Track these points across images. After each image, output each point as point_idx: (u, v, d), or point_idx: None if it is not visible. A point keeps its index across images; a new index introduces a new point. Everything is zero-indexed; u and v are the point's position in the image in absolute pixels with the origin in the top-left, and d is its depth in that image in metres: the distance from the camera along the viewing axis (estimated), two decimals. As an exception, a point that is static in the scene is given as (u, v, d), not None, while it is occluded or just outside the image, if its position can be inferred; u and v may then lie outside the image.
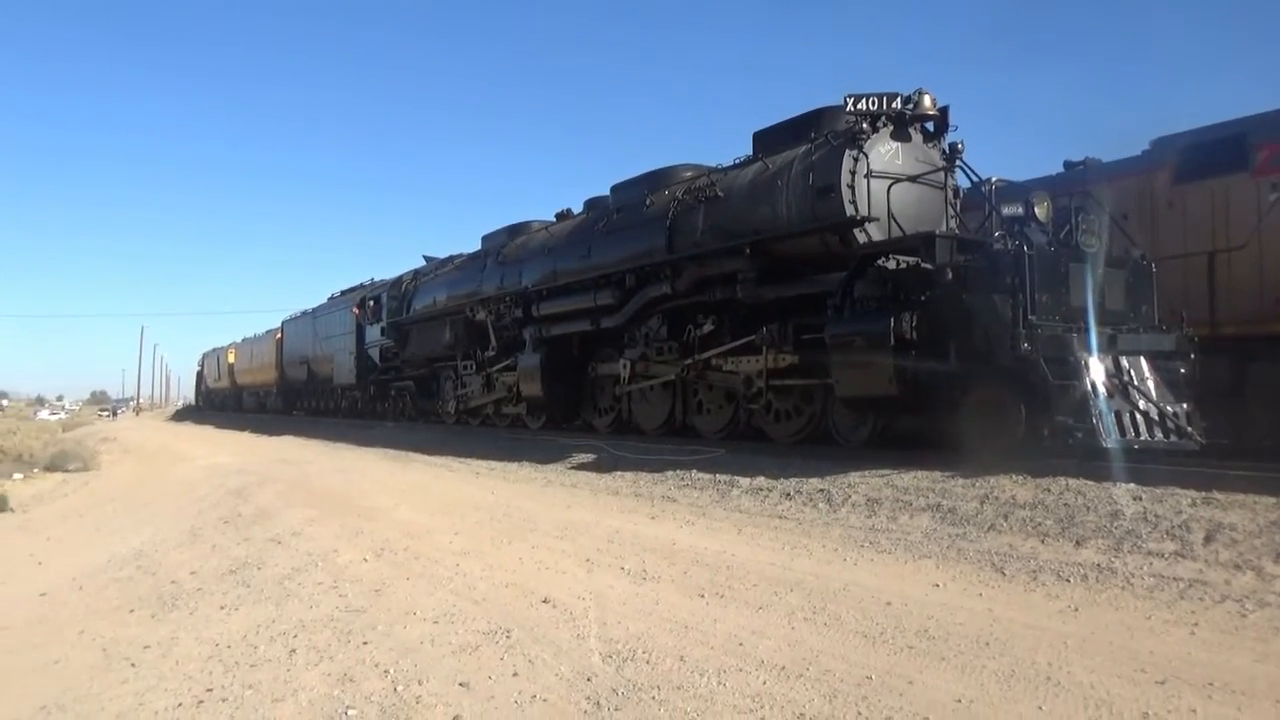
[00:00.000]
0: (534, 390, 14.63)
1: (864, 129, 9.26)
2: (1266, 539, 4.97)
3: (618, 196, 13.58)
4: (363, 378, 23.94)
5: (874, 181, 9.09)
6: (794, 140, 10.30)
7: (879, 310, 8.42)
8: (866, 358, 8.34)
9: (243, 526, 8.19)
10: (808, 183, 9.60)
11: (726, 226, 10.74)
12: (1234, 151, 9.51)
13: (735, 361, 10.83)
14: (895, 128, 9.46)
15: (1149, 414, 7.50)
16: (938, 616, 4.31)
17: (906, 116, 9.50)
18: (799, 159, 9.91)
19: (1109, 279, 8.27)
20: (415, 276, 21.04)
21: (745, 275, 10.35)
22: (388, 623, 4.52)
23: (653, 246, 11.98)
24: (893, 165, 9.30)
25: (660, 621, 4.38)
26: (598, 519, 7.65)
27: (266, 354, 35.56)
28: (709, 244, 10.97)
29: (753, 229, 10.30)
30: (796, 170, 9.84)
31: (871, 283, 8.74)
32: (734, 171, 11.21)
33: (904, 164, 9.39)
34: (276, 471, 13.07)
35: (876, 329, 8.25)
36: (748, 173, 10.83)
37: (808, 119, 10.44)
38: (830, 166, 9.32)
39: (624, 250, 12.64)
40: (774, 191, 10.09)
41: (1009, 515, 6.20)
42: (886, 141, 9.38)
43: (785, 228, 9.89)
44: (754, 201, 10.40)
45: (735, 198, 10.75)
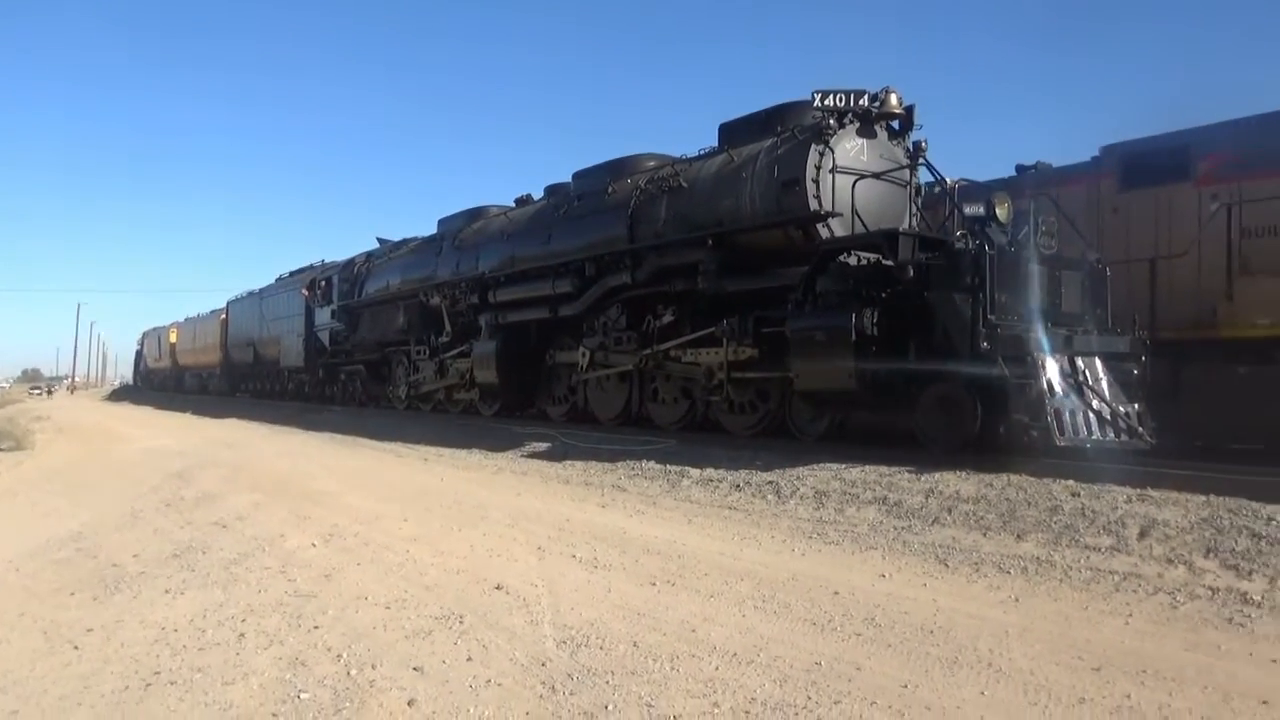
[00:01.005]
0: (489, 377, 14.53)
1: (830, 124, 9.32)
2: (1197, 535, 5.16)
3: (579, 184, 13.48)
4: (311, 361, 23.58)
5: (839, 177, 9.17)
6: (760, 133, 10.32)
7: (840, 305, 8.50)
8: (827, 352, 8.42)
9: (185, 510, 8.04)
10: (773, 176, 9.65)
11: (689, 217, 10.74)
12: (1178, 161, 9.82)
13: (695, 353, 10.85)
14: (861, 124, 9.54)
15: (1101, 413, 7.68)
16: (884, 605, 4.41)
17: (872, 114, 9.58)
18: (765, 152, 9.94)
19: (1066, 281, 8.45)
20: (368, 259, 20.71)
21: (707, 267, 10.36)
22: (339, 608, 4.49)
23: (614, 235, 11.94)
24: (857, 161, 9.38)
25: (613, 608, 4.42)
26: (549, 507, 7.67)
27: (210, 334, 34.83)
28: (671, 234, 10.97)
29: (716, 220, 10.32)
30: (762, 163, 9.88)
31: (833, 278, 8.82)
32: (698, 162, 11.20)
33: (869, 161, 9.48)
34: (220, 454, 12.83)
35: (838, 324, 8.33)
36: (713, 164, 10.83)
37: (774, 113, 10.47)
38: (796, 160, 9.38)
39: (584, 238, 12.58)
40: (739, 184, 10.12)
41: (953, 509, 6.35)
42: (852, 138, 9.46)
43: (749, 220, 9.93)
44: (718, 193, 10.42)
45: (699, 189, 10.75)
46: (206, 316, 36.66)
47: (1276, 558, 4.75)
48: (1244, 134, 9.41)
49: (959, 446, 7.82)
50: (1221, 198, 9.31)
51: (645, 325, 11.78)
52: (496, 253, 14.72)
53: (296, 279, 25.60)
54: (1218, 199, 9.34)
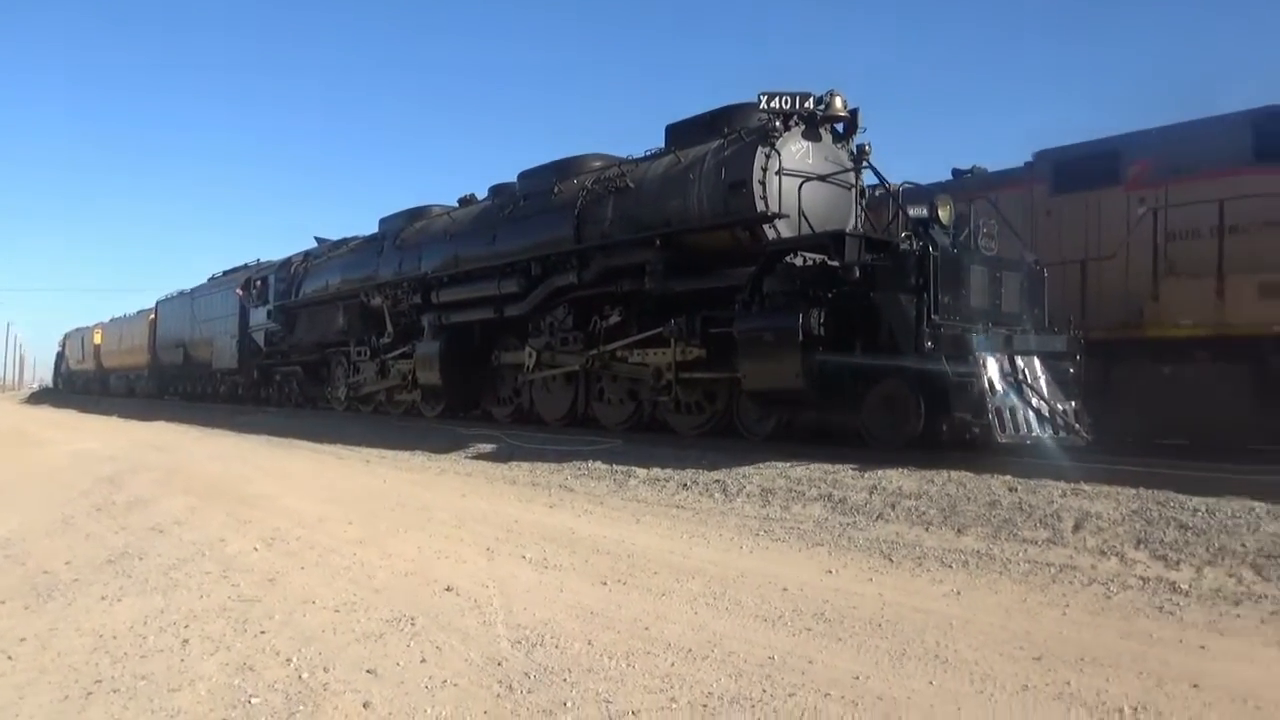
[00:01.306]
0: (432, 378, 14.39)
1: (777, 126, 9.44)
2: (1128, 527, 5.37)
3: (524, 184, 13.44)
4: (245, 362, 23.06)
5: (785, 179, 9.29)
6: (706, 135, 10.40)
7: (788, 306, 8.60)
8: (775, 352, 8.52)
9: (118, 515, 7.78)
10: (720, 177, 9.73)
11: (636, 218, 10.77)
12: (1107, 166, 10.19)
13: (643, 353, 10.87)
14: (807, 127, 9.67)
15: (1040, 411, 7.90)
16: (832, 601, 4.49)
17: (818, 116, 9.71)
18: (712, 153, 10.02)
19: (1006, 282, 8.69)
20: (306, 258, 20.37)
21: (654, 267, 10.40)
22: (285, 612, 4.40)
23: (560, 235, 11.92)
24: (803, 164, 9.52)
25: (565, 608, 4.42)
26: (495, 508, 7.62)
27: (138, 335, 33.82)
28: (618, 234, 10.99)
29: (663, 221, 10.37)
30: (709, 164, 9.96)
31: (780, 279, 8.93)
32: (645, 163, 11.24)
33: (814, 163, 9.62)
34: (151, 458, 12.46)
35: (785, 324, 8.44)
36: (659, 165, 10.88)
37: (720, 114, 10.56)
38: (743, 162, 9.47)
39: (530, 238, 12.54)
40: (686, 185, 10.19)
41: (896, 505, 6.49)
42: (798, 140, 9.59)
43: (696, 221, 10.00)
44: (665, 194, 10.47)
45: (646, 189, 10.79)
46: (134, 317, 35.59)
47: (1202, 548, 4.96)
48: (1170, 140, 9.80)
49: (904, 444, 7.99)
50: (1148, 202, 9.68)
51: (592, 326, 11.78)
52: (440, 253, 14.61)
53: (231, 278, 25.02)
54: (1145, 203, 9.71)
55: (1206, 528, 5.18)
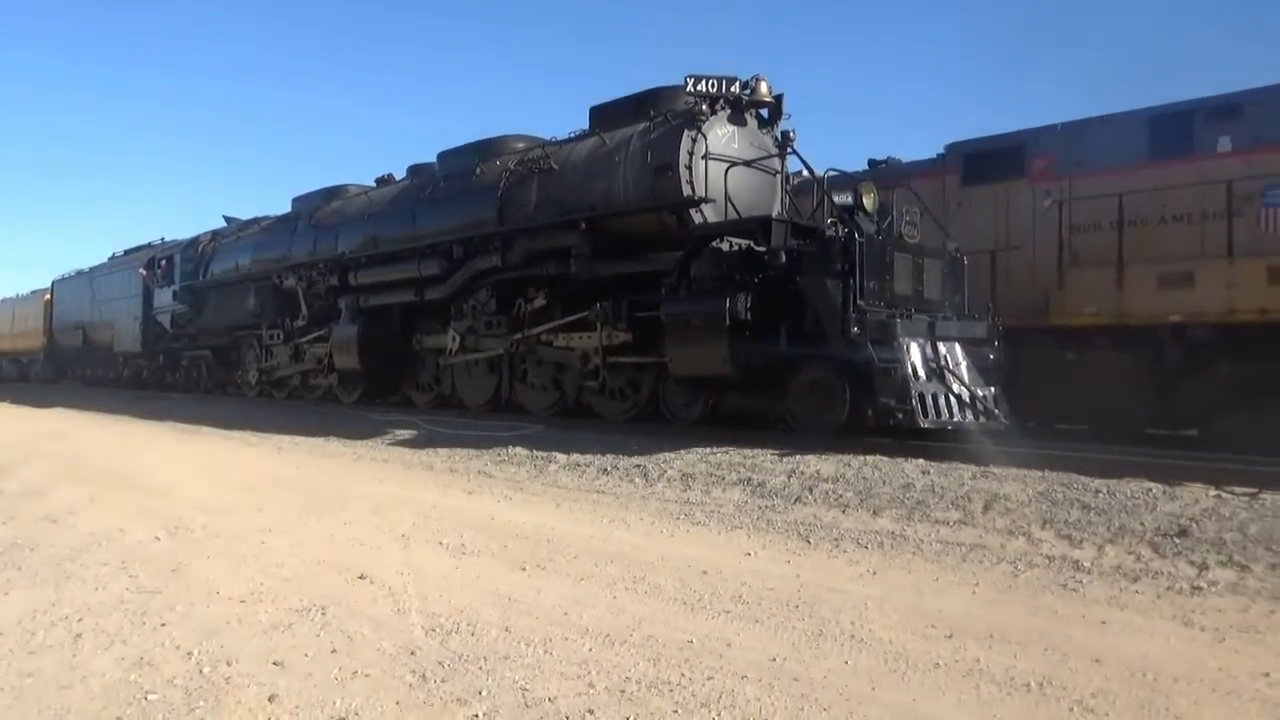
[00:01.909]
0: (349, 362, 13.99)
1: (703, 110, 9.38)
2: (1035, 508, 5.54)
3: (445, 164, 13.14)
4: (150, 345, 22.07)
5: (711, 164, 9.26)
6: (632, 117, 10.30)
7: (715, 291, 8.58)
8: (702, 337, 8.50)
9: (7, 504, 7.37)
10: (646, 160, 9.65)
11: (561, 200, 10.63)
12: (1013, 160, 10.48)
13: (568, 337, 10.75)
14: (732, 112, 9.64)
15: (961, 396, 8.05)
16: (750, 583, 4.52)
17: (744, 101, 9.69)
18: (637, 136, 9.93)
19: (928, 269, 8.83)
20: (214, 238, 19.60)
21: (579, 250, 10.28)
22: (187, 603, 4.22)
23: (483, 217, 11.70)
24: (729, 148, 9.50)
25: (483, 594, 4.35)
26: (413, 494, 7.47)
27: (32, 317, 32.08)
28: (542, 217, 10.83)
29: (588, 204, 10.25)
30: (635, 147, 9.86)
31: (707, 263, 8.90)
32: (569, 145, 11.09)
33: (740, 148, 9.61)
34: (45, 446, 11.85)
35: (713, 309, 8.41)
36: (584, 147, 10.73)
37: (646, 97, 10.47)
38: (669, 146, 9.41)
39: (452, 219, 12.28)
40: (611, 167, 10.08)
41: (814, 488, 6.58)
42: (724, 124, 9.57)
43: (622, 204, 9.91)
44: (590, 176, 10.35)
45: (571, 171, 10.65)
46: (27, 297, 33.76)
47: (1104, 527, 5.15)
48: (1073, 136, 10.13)
49: (829, 430, 8.05)
50: (1053, 195, 9.99)
51: (516, 309, 11.61)
52: (357, 233, 14.21)
53: (133, 257, 23.92)
54: (1050, 196, 10.03)
55: (1108, 508, 5.38)
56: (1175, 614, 3.93)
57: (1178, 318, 8.92)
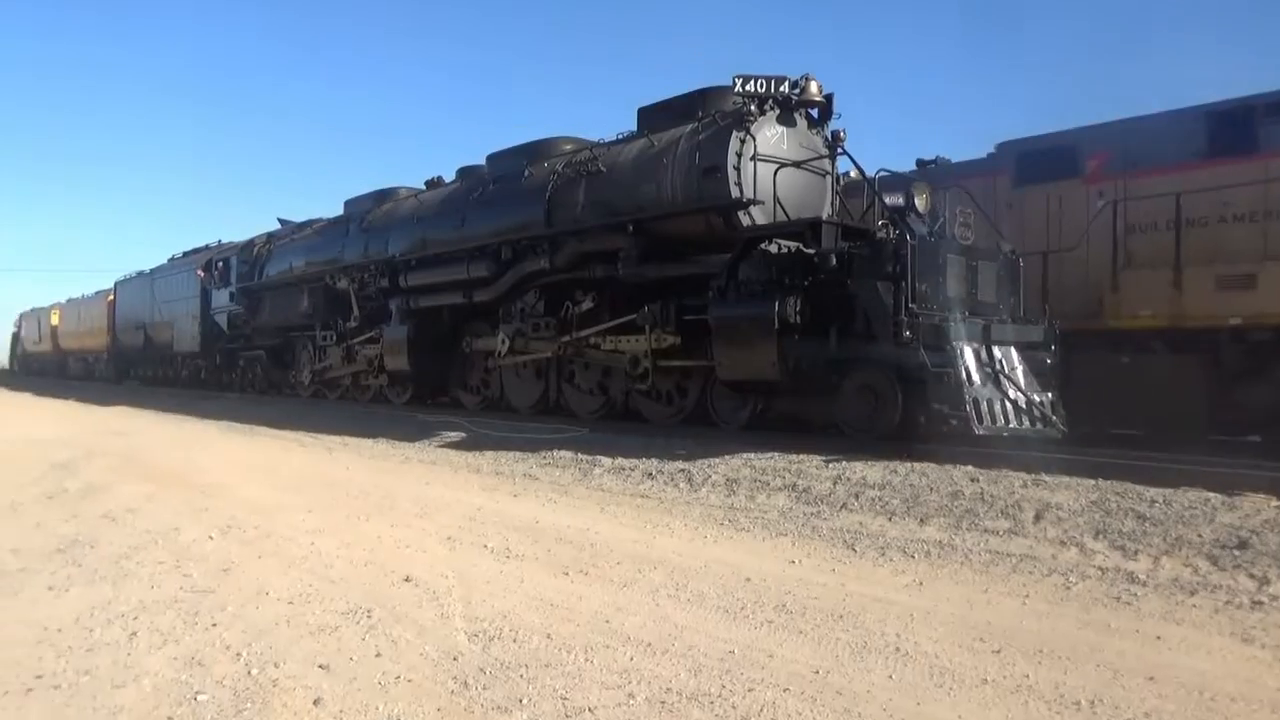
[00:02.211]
0: (399, 364, 14.17)
1: (751, 111, 9.28)
2: (1088, 517, 5.41)
3: (494, 166, 13.19)
4: (208, 345, 22.64)
5: (760, 165, 9.15)
6: (680, 119, 10.22)
7: (763, 294, 8.49)
8: (750, 340, 8.42)
9: (70, 502, 7.60)
10: (694, 162, 9.57)
11: (609, 202, 10.60)
12: (1067, 159, 10.26)
13: (617, 340, 10.69)
14: (781, 112, 9.52)
15: (1018, 402, 7.83)
16: (794, 592, 4.48)
17: (793, 101, 9.56)
18: (685, 137, 9.85)
19: (982, 271, 8.63)
20: (269, 240, 20.00)
21: (627, 253, 10.23)
22: (238, 603, 4.31)
23: (531, 219, 11.69)
24: (778, 149, 9.39)
25: (526, 599, 4.37)
26: (459, 496, 7.54)
27: (97, 317, 33.10)
28: (590, 220, 10.80)
29: (636, 206, 10.20)
30: (683, 149, 9.79)
31: (756, 266, 8.80)
32: (617, 147, 11.04)
33: (789, 149, 9.49)
34: (107, 444, 12.20)
35: (761, 312, 8.33)
36: (632, 149, 10.68)
37: (694, 98, 10.37)
38: (717, 147, 9.32)
39: (500, 222, 12.30)
40: (659, 169, 10.01)
41: (860, 495, 6.51)
42: (773, 125, 9.45)
43: (669, 206, 9.84)
44: (638, 178, 10.29)
45: (618, 174, 10.60)
46: (93, 297, 34.83)
47: (1159, 538, 5.01)
48: (1128, 134, 9.88)
49: (882, 435, 7.90)
50: (1108, 195, 9.76)
51: (564, 311, 11.58)
52: (407, 235, 14.33)
53: (191, 259, 24.55)
54: (1104, 196, 9.79)
55: (1164, 518, 5.24)
56: (1234, 630, 3.81)
57: (1238, 320, 8.65)
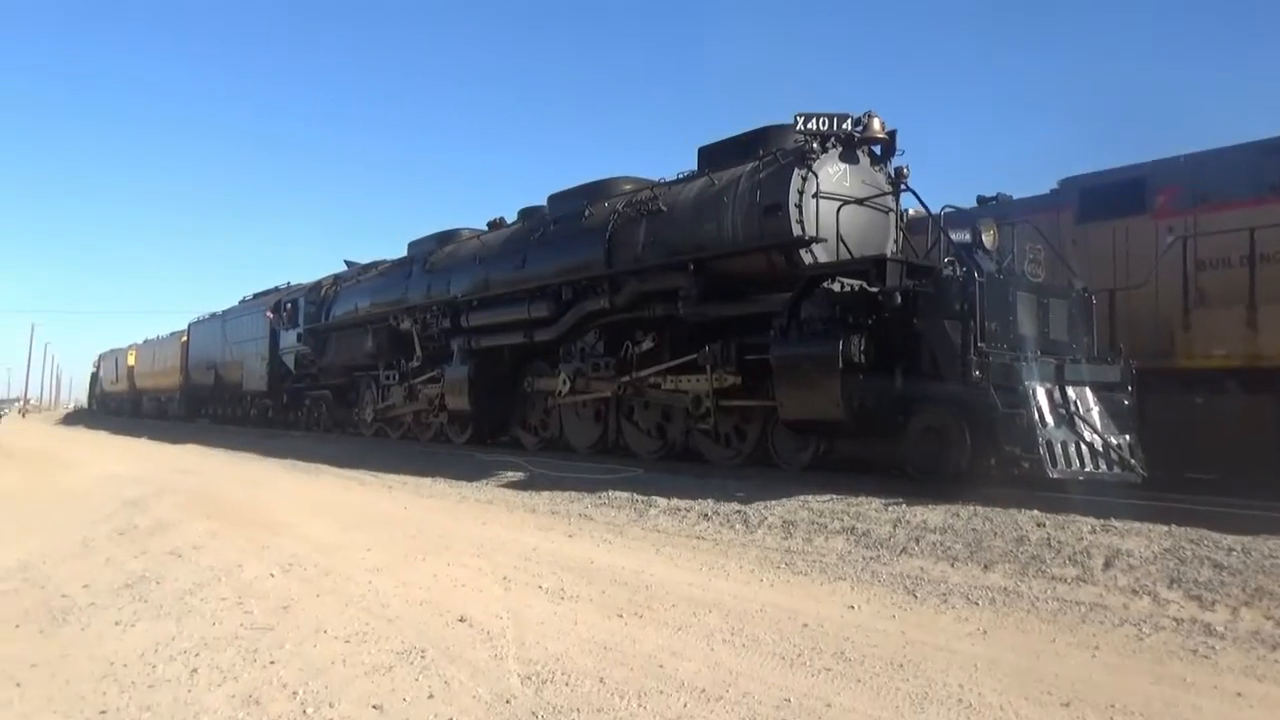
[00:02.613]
0: (460, 403, 14.28)
1: (813, 148, 9.22)
2: (1160, 565, 5.20)
3: (555, 207, 13.32)
4: (275, 385, 23.22)
5: (822, 202, 9.07)
6: (740, 157, 10.20)
7: (826, 332, 8.32)
8: (814, 380, 8.25)
9: (139, 538, 7.82)
10: (755, 200, 9.52)
11: (669, 242, 10.58)
12: (1135, 194, 10.03)
13: (677, 380, 10.58)
14: (844, 149, 9.43)
15: (1094, 445, 7.53)
16: (853, 638, 4.37)
17: (855, 138, 9.48)
18: (746, 176, 9.82)
19: (1053, 309, 8.38)
20: (336, 281, 20.52)
21: (687, 292, 10.17)
22: (296, 641, 4.36)
23: (591, 259, 11.75)
24: (840, 186, 9.31)
25: (579, 641, 4.34)
26: (514, 536, 7.56)
27: (170, 357, 34.24)
28: (650, 259, 10.78)
29: (696, 245, 10.16)
30: (744, 187, 9.76)
31: (818, 304, 8.67)
32: (677, 186, 11.05)
33: (851, 186, 9.40)
34: (176, 481, 12.55)
35: (825, 351, 8.15)
36: (692, 188, 10.68)
37: (754, 136, 10.36)
38: (778, 185, 9.27)
39: (561, 262, 12.38)
40: (720, 208, 9.98)
41: (920, 539, 6.35)
42: (835, 162, 9.37)
43: (730, 245, 9.79)
44: (699, 217, 10.27)
45: (679, 213, 10.60)
46: (167, 338, 36.07)
47: (1238, 588, 4.79)
48: (1198, 168, 9.63)
49: (950, 478, 7.65)
50: (1177, 230, 9.50)
51: (623, 351, 11.54)
52: (469, 276, 14.52)
53: (261, 301, 25.30)
54: (1174, 231, 9.53)
55: (1242, 567, 5.01)
56: (1322, 688, 3.61)
57: (1316, 360, 8.30)
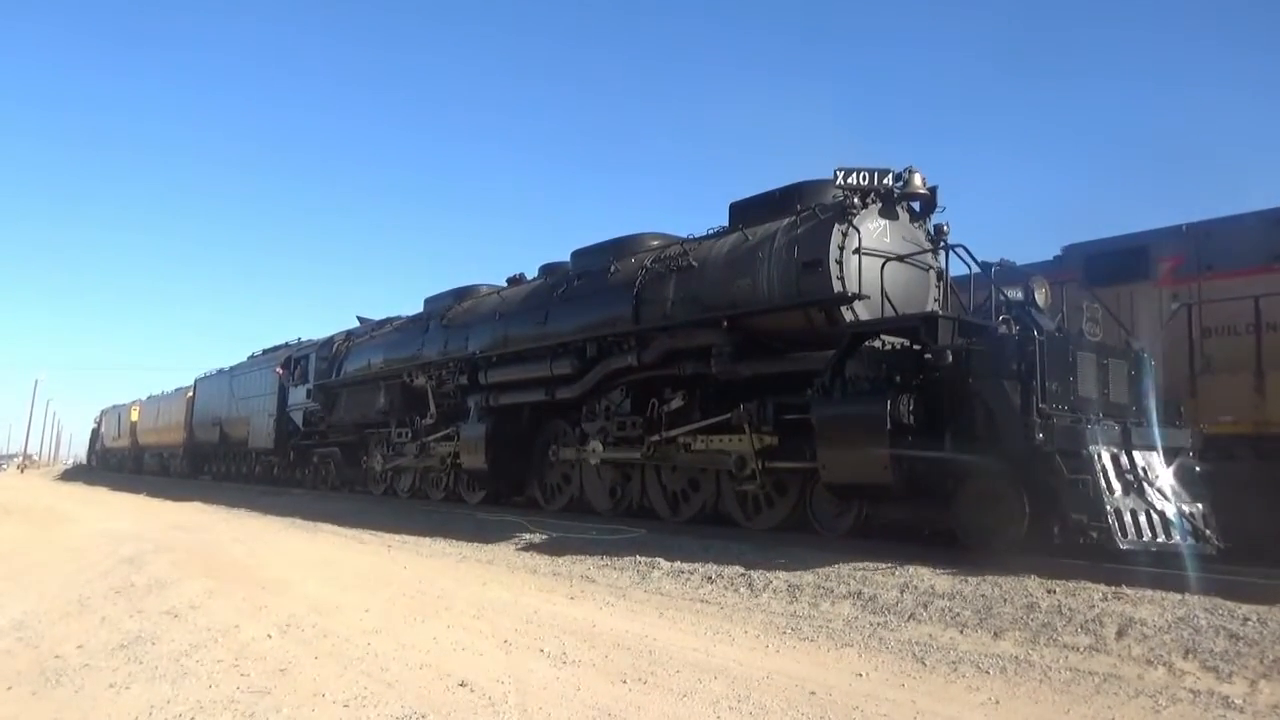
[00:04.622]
0: (477, 461, 13.88)
1: (854, 203, 9.04)
2: (1175, 634, 5.11)
3: (579, 262, 13.04)
4: (282, 442, 22.84)
5: (865, 259, 8.86)
6: (774, 213, 9.98)
7: (873, 392, 7.95)
8: (859, 441, 7.85)
9: (136, 597, 7.72)
10: (792, 256, 9.27)
11: (700, 298, 10.32)
12: (1138, 261, 10.13)
13: (719, 440, 10.08)
14: (883, 204, 9.28)
15: (1165, 514, 7.13)
16: (862, 707, 4.28)
17: (895, 194, 9.32)
18: (782, 231, 9.58)
19: (1113, 370, 8.11)
20: (348, 337, 20.28)
21: (720, 349, 9.87)
22: (294, 705, 4.27)
23: (617, 315, 11.44)
24: (881, 243, 9.11)
25: (582, 708, 4.25)
26: (515, 598, 7.45)
27: (175, 413, 34.16)
28: (680, 315, 10.50)
29: (729, 301, 9.88)
30: (780, 242, 9.51)
31: (864, 363, 8.35)
32: (709, 241, 10.81)
33: (892, 242, 9.21)
34: (175, 539, 12.42)
35: (873, 411, 7.74)
36: (725, 243, 10.43)
37: (789, 192, 10.13)
38: (818, 240, 9.05)
39: (585, 318, 12.08)
40: (754, 263, 9.72)
41: (928, 605, 6.26)
42: (875, 218, 9.18)
43: (766, 302, 9.50)
44: (732, 273, 9.99)
45: (711, 268, 10.34)
46: (172, 394, 36.06)
47: (1255, 659, 4.70)
48: (1202, 236, 9.74)
49: (1007, 546, 7.21)
50: (1181, 298, 9.56)
51: (649, 410, 11.13)
52: (488, 332, 14.24)
53: (270, 357, 25.20)
54: (1178, 299, 9.59)
55: (1259, 638, 4.92)
56: (1346, 765, 3.51)
57: (1324, 426, 8.28)
